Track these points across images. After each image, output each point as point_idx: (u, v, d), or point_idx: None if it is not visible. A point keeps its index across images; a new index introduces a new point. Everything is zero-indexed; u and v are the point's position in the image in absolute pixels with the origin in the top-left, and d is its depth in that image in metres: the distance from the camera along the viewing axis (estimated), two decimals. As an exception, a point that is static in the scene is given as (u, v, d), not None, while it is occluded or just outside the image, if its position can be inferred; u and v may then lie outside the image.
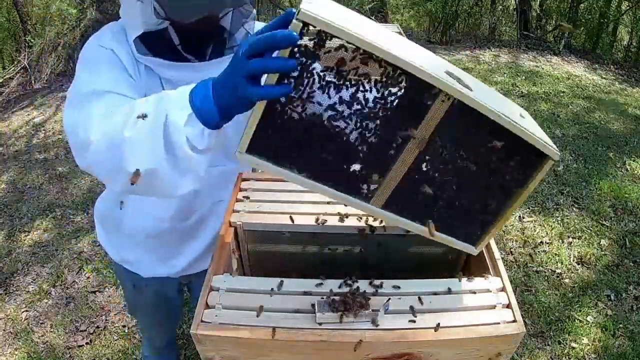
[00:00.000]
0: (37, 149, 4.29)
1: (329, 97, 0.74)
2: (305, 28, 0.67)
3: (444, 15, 7.21)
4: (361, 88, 0.74)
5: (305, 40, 0.69)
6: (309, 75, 0.72)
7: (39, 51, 6.24)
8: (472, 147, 0.83)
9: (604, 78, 5.73)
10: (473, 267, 1.13)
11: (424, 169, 0.84)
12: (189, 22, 0.99)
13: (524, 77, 5.49)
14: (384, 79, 0.74)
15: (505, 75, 5.56)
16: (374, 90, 0.75)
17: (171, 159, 0.77)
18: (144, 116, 0.77)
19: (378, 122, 0.78)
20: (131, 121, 0.78)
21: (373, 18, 7.16)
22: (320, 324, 0.84)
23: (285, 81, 0.71)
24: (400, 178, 0.84)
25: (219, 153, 1.22)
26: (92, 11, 6.46)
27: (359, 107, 0.76)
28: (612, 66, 6.21)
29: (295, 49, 0.69)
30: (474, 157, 0.84)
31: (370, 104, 0.76)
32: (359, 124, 0.78)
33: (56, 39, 6.35)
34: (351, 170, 0.82)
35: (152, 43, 1.02)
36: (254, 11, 1.13)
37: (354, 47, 0.69)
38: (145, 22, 1.00)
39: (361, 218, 1.11)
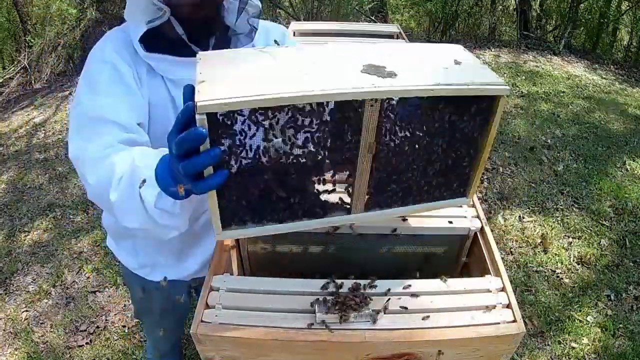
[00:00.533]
0: (37, 149, 4.29)
1: (270, 149, 0.76)
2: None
3: (444, 15, 7.21)
4: (293, 131, 0.75)
5: (223, 117, 0.70)
6: (240, 145, 0.73)
7: (39, 51, 6.24)
8: (422, 126, 0.83)
9: (604, 78, 5.73)
10: (473, 267, 1.13)
11: (385, 164, 0.84)
12: (189, 6, 1.01)
13: (524, 77, 5.49)
14: (308, 116, 0.75)
15: (505, 75, 5.56)
16: (306, 128, 0.76)
17: (153, 222, 0.84)
18: (122, 180, 0.85)
19: (324, 147, 0.79)
20: (114, 182, 0.86)
21: (373, 18, 7.16)
22: (319, 323, 0.85)
23: (223, 164, 0.73)
24: (367, 182, 0.85)
25: None
26: (92, 11, 6.46)
27: (300, 145, 0.77)
28: (612, 66, 6.21)
29: (219, 131, 0.71)
30: (428, 133, 0.84)
31: (309, 139, 0.77)
32: (308, 155, 0.79)
33: (56, 39, 6.35)
34: (322, 196, 0.85)
35: (157, 40, 1.04)
36: (259, 3, 1.13)
37: (264, 108, 0.71)
38: (147, 12, 1.01)
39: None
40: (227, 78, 0.72)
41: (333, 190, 0.86)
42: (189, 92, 0.70)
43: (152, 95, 1.07)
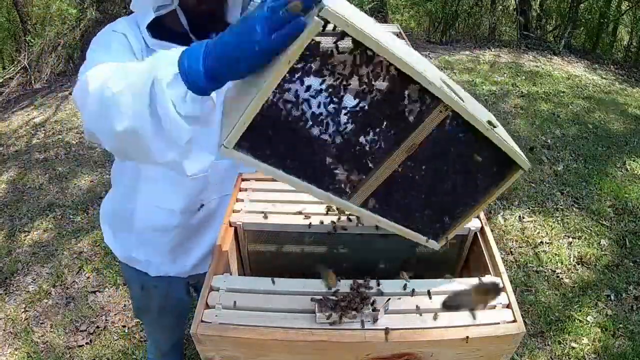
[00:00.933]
0: (37, 149, 4.29)
1: (332, 99, 0.74)
2: (323, 27, 0.64)
3: (444, 15, 7.20)
4: (366, 91, 0.74)
5: (322, 38, 0.68)
6: (318, 71, 0.70)
7: (39, 51, 6.24)
8: (455, 155, 0.86)
9: (604, 78, 5.73)
10: (473, 267, 1.13)
11: (407, 172, 0.85)
12: (194, 5, 1.04)
13: (524, 77, 5.49)
14: (391, 86, 0.74)
15: (505, 75, 5.56)
16: (377, 95, 0.75)
17: (154, 120, 0.73)
18: (135, 72, 0.76)
19: (377, 125, 0.79)
20: (121, 73, 0.77)
21: (372, 18, 7.16)
22: (319, 323, 0.85)
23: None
24: (383, 180, 0.85)
25: None
26: (92, 11, 6.46)
27: (359, 110, 0.76)
28: (612, 66, 6.21)
29: (312, 42, 0.66)
30: (454, 164, 0.87)
31: (372, 109, 0.76)
32: (354, 127, 0.78)
33: (56, 39, 6.35)
34: (337, 170, 0.83)
35: (161, 30, 1.07)
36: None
37: (368, 51, 0.69)
38: (153, 0, 1.04)
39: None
40: (351, 12, 0.70)
41: (350, 174, 0.84)
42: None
43: None
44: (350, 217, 1.10)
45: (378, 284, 0.93)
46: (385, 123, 0.79)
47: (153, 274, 1.41)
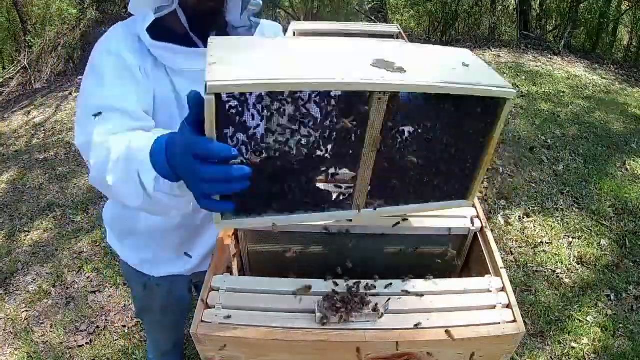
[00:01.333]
0: (37, 149, 4.30)
1: (276, 135, 0.75)
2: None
3: (444, 15, 7.20)
4: (299, 120, 0.75)
5: (231, 101, 0.69)
6: (243, 132, 0.72)
7: (39, 51, 6.24)
8: (427, 124, 0.83)
9: (604, 78, 5.73)
10: (473, 267, 1.13)
11: (389, 161, 0.84)
12: (194, 4, 1.04)
13: (524, 77, 5.49)
14: (315, 105, 0.74)
15: (505, 75, 5.56)
16: (313, 114, 0.75)
17: (153, 203, 0.84)
18: (119, 163, 0.86)
19: (329, 140, 0.79)
20: (111, 165, 0.87)
21: (373, 18, 7.16)
22: (319, 323, 0.84)
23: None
24: (370, 179, 0.85)
25: None
26: (92, 11, 6.47)
27: (306, 134, 0.77)
28: (612, 66, 6.21)
29: (231, 111, 0.69)
30: (433, 132, 0.84)
31: (314, 128, 0.77)
32: (312, 147, 0.78)
33: (56, 39, 6.35)
34: (322, 187, 0.84)
35: (161, 31, 1.06)
36: (260, 1, 1.17)
37: (273, 91, 0.69)
38: (156, 1, 1.05)
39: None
40: (239, 61, 0.71)
41: (335, 186, 0.86)
42: (194, 96, 0.69)
43: (156, 87, 1.09)
44: (349, 218, 1.10)
45: (378, 284, 0.93)
46: (335, 136, 0.78)
47: (159, 275, 1.41)
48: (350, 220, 1.09)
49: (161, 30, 1.07)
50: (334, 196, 0.86)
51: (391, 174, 0.86)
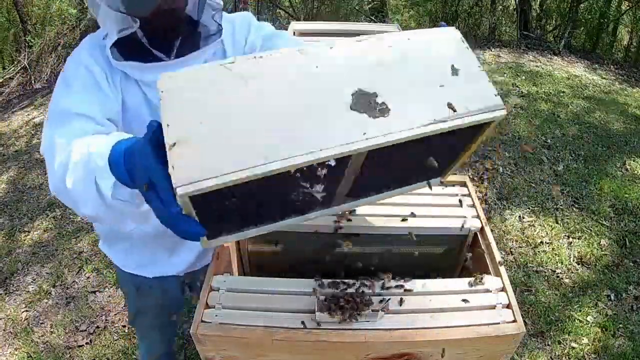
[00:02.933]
0: (37, 149, 4.29)
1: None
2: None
3: (444, 15, 7.20)
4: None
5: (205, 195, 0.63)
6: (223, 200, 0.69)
7: (39, 51, 6.24)
8: (411, 150, 0.75)
9: (604, 78, 5.73)
10: (473, 267, 1.13)
11: (369, 173, 0.81)
12: (150, 16, 1.00)
13: (524, 77, 5.49)
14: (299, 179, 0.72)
15: (505, 75, 5.56)
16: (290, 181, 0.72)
17: (110, 210, 0.82)
18: (77, 166, 0.84)
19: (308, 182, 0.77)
20: (70, 168, 0.85)
21: (373, 18, 7.16)
22: (319, 323, 0.85)
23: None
24: (349, 186, 0.85)
25: None
26: (92, 11, 6.44)
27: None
28: (612, 66, 6.21)
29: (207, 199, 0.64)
30: (414, 156, 0.81)
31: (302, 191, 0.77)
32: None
33: (56, 39, 6.35)
34: (301, 195, 0.81)
35: (126, 48, 1.06)
36: (221, 2, 1.14)
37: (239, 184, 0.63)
38: (117, 22, 1.02)
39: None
40: (202, 136, 0.63)
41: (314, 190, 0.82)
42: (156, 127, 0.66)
43: (127, 98, 1.10)
44: (350, 217, 1.10)
45: (378, 284, 0.93)
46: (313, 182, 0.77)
47: (152, 276, 1.40)
48: (350, 220, 1.09)
49: (128, 44, 1.06)
50: (315, 198, 0.83)
51: (371, 178, 0.86)
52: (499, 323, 0.87)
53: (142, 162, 0.67)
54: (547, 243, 3.03)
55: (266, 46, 1.20)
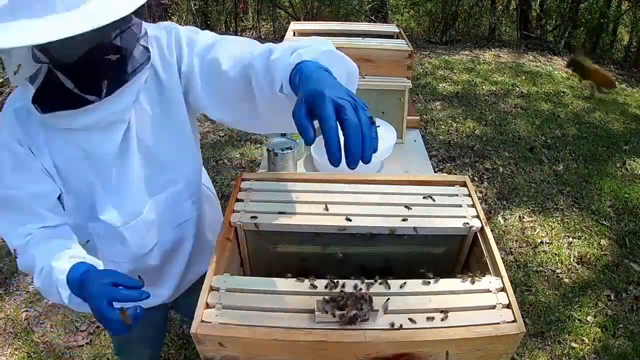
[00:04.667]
0: (37, 149, 4.29)
1: None
2: None
3: (444, 15, 7.21)
4: None
5: None
6: None
7: (39, 51, 6.23)
8: None
9: (604, 78, 5.73)
10: (473, 267, 1.13)
11: None
12: (72, 62, 0.90)
13: (524, 77, 5.49)
14: None
15: (505, 75, 5.56)
16: None
17: (70, 304, 1.00)
18: (42, 273, 1.02)
19: None
20: (37, 272, 1.03)
21: (373, 18, 7.16)
22: (319, 322, 0.85)
23: None
24: None
25: (161, 176, 1.16)
26: (92, 11, 6.43)
27: None
28: (612, 66, 6.21)
29: None
30: None
31: None
32: None
33: (56, 39, 6.34)
34: None
35: (49, 98, 0.96)
36: (143, 24, 1.02)
37: None
38: (27, 70, 0.94)
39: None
40: None
41: None
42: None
43: (57, 156, 1.04)
44: (350, 217, 1.10)
45: (378, 284, 0.93)
46: None
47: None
48: (350, 220, 1.09)
49: (50, 93, 0.95)
50: None
51: None
52: (499, 323, 0.87)
53: (90, 304, 0.92)
54: (547, 243, 3.03)
55: (206, 64, 1.04)
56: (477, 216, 1.13)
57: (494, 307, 0.91)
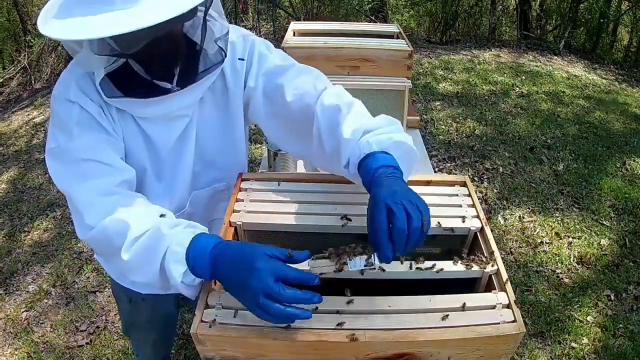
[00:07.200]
0: (37, 149, 4.30)
1: None
2: None
3: (444, 15, 7.20)
4: None
5: None
6: None
7: (39, 51, 6.24)
8: None
9: (604, 78, 5.74)
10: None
11: None
12: (144, 49, 0.90)
13: (524, 77, 5.49)
14: None
15: (505, 75, 5.56)
16: None
17: (165, 285, 0.89)
18: (140, 242, 0.87)
19: None
20: (129, 241, 0.86)
21: (373, 18, 7.16)
22: (320, 323, 0.84)
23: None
24: None
25: (208, 174, 1.21)
26: (92, 11, 6.44)
27: None
28: (612, 66, 6.21)
29: None
30: None
31: None
32: None
33: (56, 39, 6.35)
34: None
35: (119, 82, 0.96)
36: (227, 24, 1.04)
37: None
38: (102, 58, 0.93)
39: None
40: None
41: None
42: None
43: (124, 132, 1.04)
44: (350, 217, 1.10)
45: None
46: None
47: (145, 292, 1.38)
48: (350, 220, 1.09)
49: (120, 77, 0.96)
50: None
51: None
52: (499, 323, 0.87)
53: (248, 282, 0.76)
54: (547, 243, 3.03)
55: (271, 87, 1.07)
56: (477, 216, 1.12)
57: (494, 307, 0.91)
